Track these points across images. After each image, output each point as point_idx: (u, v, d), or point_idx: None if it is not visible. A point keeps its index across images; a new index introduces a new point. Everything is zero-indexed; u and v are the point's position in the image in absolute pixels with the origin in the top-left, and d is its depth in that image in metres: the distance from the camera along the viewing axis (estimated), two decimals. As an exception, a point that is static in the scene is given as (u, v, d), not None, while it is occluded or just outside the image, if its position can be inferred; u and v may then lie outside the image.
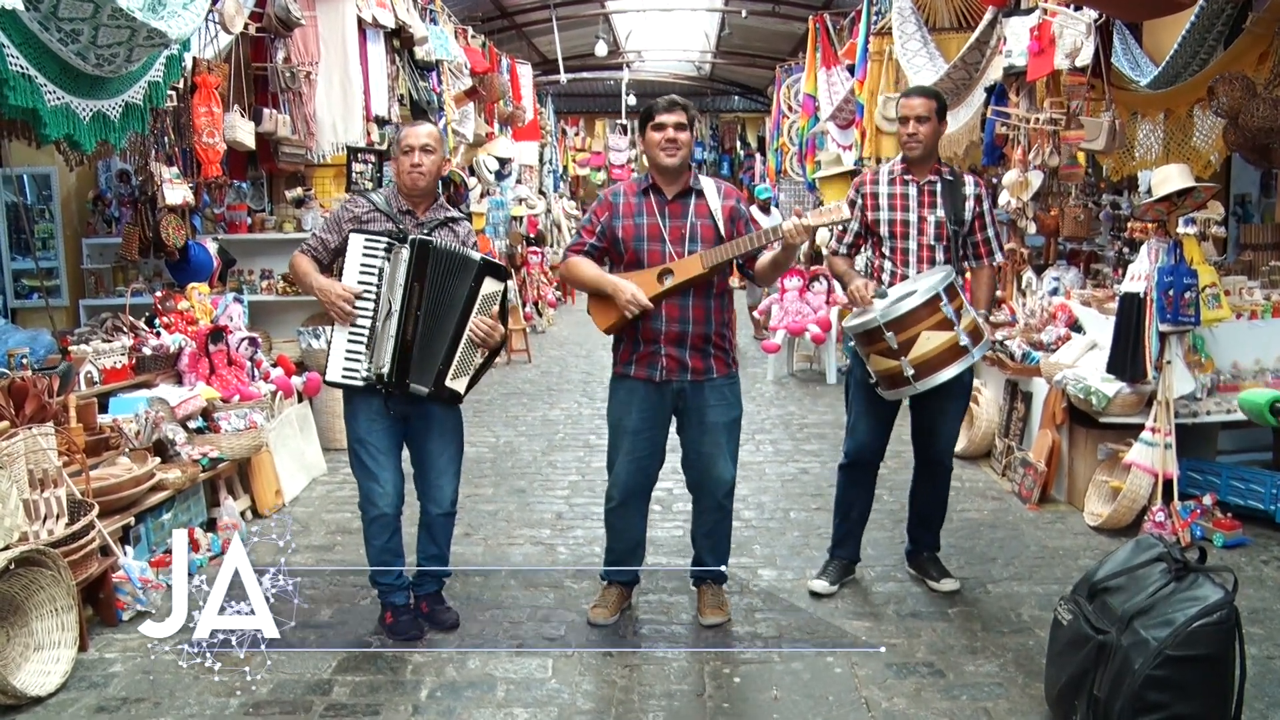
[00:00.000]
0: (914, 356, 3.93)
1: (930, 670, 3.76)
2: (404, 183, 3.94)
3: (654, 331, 3.90)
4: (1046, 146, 6.34)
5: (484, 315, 3.87)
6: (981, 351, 4.03)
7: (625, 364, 4.01)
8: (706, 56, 20.35)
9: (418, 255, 3.80)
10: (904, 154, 4.28)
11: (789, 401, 8.81)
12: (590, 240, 3.99)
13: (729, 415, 4.03)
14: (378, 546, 4.00)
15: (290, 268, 4.07)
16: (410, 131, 3.97)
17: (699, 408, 3.98)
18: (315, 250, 3.97)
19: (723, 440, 4.02)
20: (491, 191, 12.54)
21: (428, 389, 3.85)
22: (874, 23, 9.17)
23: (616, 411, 4.06)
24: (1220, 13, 4.65)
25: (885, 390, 4.11)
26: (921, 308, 3.91)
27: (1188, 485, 5.24)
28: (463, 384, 3.93)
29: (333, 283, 3.87)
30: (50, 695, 3.60)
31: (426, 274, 3.81)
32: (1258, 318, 5.41)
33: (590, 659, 3.86)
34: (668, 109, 3.89)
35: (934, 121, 4.23)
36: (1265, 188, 7.26)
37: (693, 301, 3.90)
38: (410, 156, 3.89)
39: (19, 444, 4.00)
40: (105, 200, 7.52)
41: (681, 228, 3.91)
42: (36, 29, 3.86)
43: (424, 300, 3.81)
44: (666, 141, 3.87)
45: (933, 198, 4.25)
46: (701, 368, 3.95)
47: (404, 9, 8.38)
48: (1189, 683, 2.94)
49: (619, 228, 3.94)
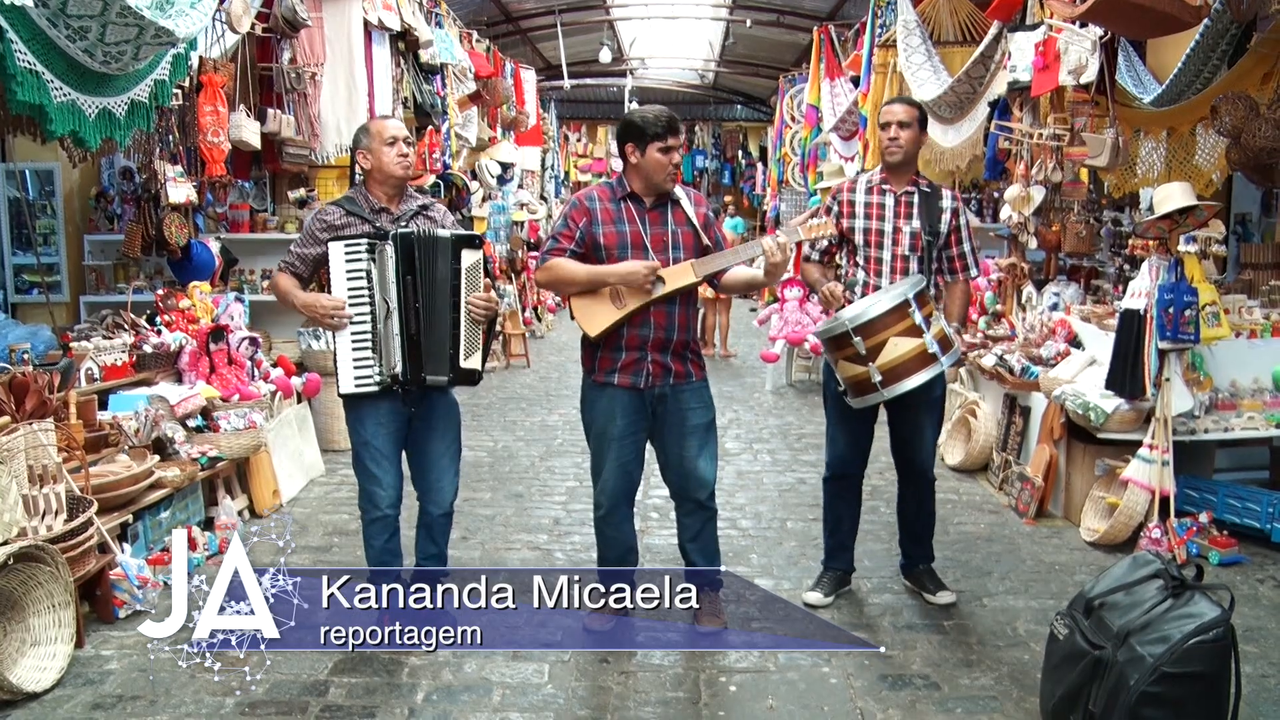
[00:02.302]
0: (881, 362, 3.91)
1: (925, 683, 3.76)
2: (392, 174, 3.93)
3: (641, 338, 3.91)
4: (1049, 162, 6.36)
5: (474, 289, 3.89)
6: (950, 361, 4.01)
7: (607, 372, 3.98)
8: (710, 65, 20.36)
9: (402, 249, 3.82)
10: (884, 159, 4.30)
11: (787, 411, 8.82)
12: (569, 245, 3.93)
13: (707, 417, 4.08)
14: (378, 547, 4.00)
15: (272, 287, 4.06)
16: (388, 124, 3.99)
17: (679, 410, 4.01)
18: (294, 266, 3.96)
19: (703, 441, 4.06)
20: (493, 196, 12.55)
21: (446, 376, 3.88)
22: (879, 35, 9.18)
23: (600, 420, 4.04)
24: (1224, 32, 4.67)
25: (853, 398, 4.09)
26: (890, 313, 3.89)
27: (1184, 502, 5.24)
28: (476, 360, 3.95)
29: (317, 296, 3.90)
30: (46, 691, 3.60)
31: (415, 265, 3.83)
32: (1257, 336, 5.43)
33: (586, 665, 3.87)
34: (676, 131, 3.86)
35: (915, 129, 4.25)
36: (1266, 207, 7.28)
37: (677, 309, 3.94)
38: (396, 147, 3.91)
39: (19, 439, 3.99)
40: (108, 197, 7.52)
41: (663, 235, 3.93)
42: (45, 25, 3.87)
43: (418, 291, 3.83)
44: (673, 166, 3.88)
45: (909, 208, 4.27)
46: (683, 372, 4.00)
47: (410, 12, 8.39)
48: (1184, 700, 2.95)
49: (600, 234, 3.92)
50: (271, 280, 4.06)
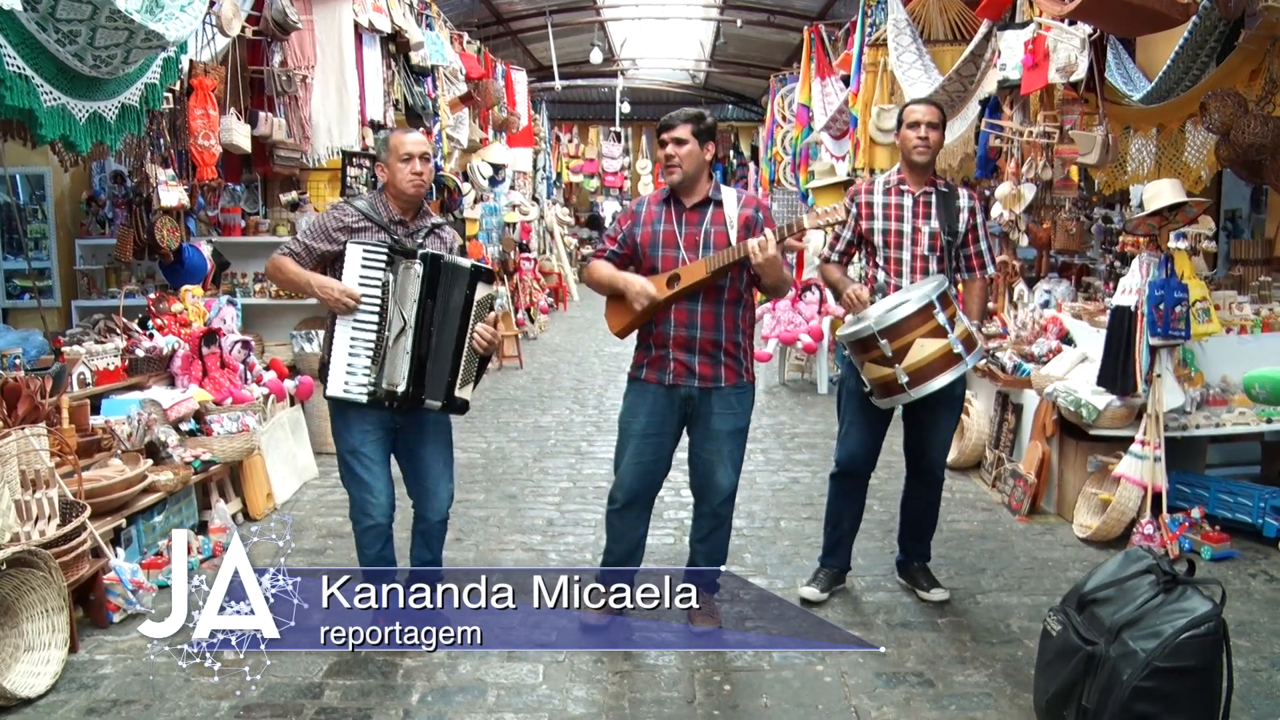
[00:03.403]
0: (908, 364, 3.94)
1: (919, 680, 3.77)
2: (404, 191, 3.89)
3: (663, 336, 3.95)
4: (1040, 160, 6.38)
5: (482, 322, 3.89)
6: (975, 360, 4.05)
7: (638, 367, 4.06)
8: (701, 65, 20.38)
9: (430, 270, 3.78)
10: (913, 159, 4.26)
11: (780, 411, 8.83)
12: (612, 247, 4.06)
13: (734, 425, 4.03)
14: (372, 555, 3.99)
15: (273, 270, 3.92)
16: (407, 139, 3.89)
17: (705, 414, 4.00)
18: (298, 255, 3.87)
19: (724, 449, 4.03)
20: (485, 197, 12.54)
21: (440, 402, 3.87)
22: (869, 34, 9.20)
23: (626, 415, 4.09)
24: (1213, 29, 4.69)
25: (879, 399, 4.13)
26: (915, 315, 3.92)
27: (1176, 498, 5.26)
28: (468, 391, 3.95)
29: (331, 280, 3.83)
30: (40, 697, 3.59)
31: (438, 289, 3.80)
32: (1247, 332, 5.45)
33: (581, 665, 3.87)
34: (670, 125, 3.92)
35: (940, 131, 4.28)
36: (1255, 203, 7.30)
37: (701, 307, 3.92)
38: (411, 164, 3.85)
39: (11, 444, 3.98)
40: (99, 201, 7.52)
41: (696, 234, 3.94)
42: (34, 29, 3.87)
43: (433, 314, 3.81)
44: (666, 159, 3.93)
45: (928, 209, 4.28)
46: (710, 374, 3.96)
47: (400, 14, 8.39)
48: (1177, 694, 2.96)
49: (638, 234, 4.00)
50: (271, 263, 3.91)
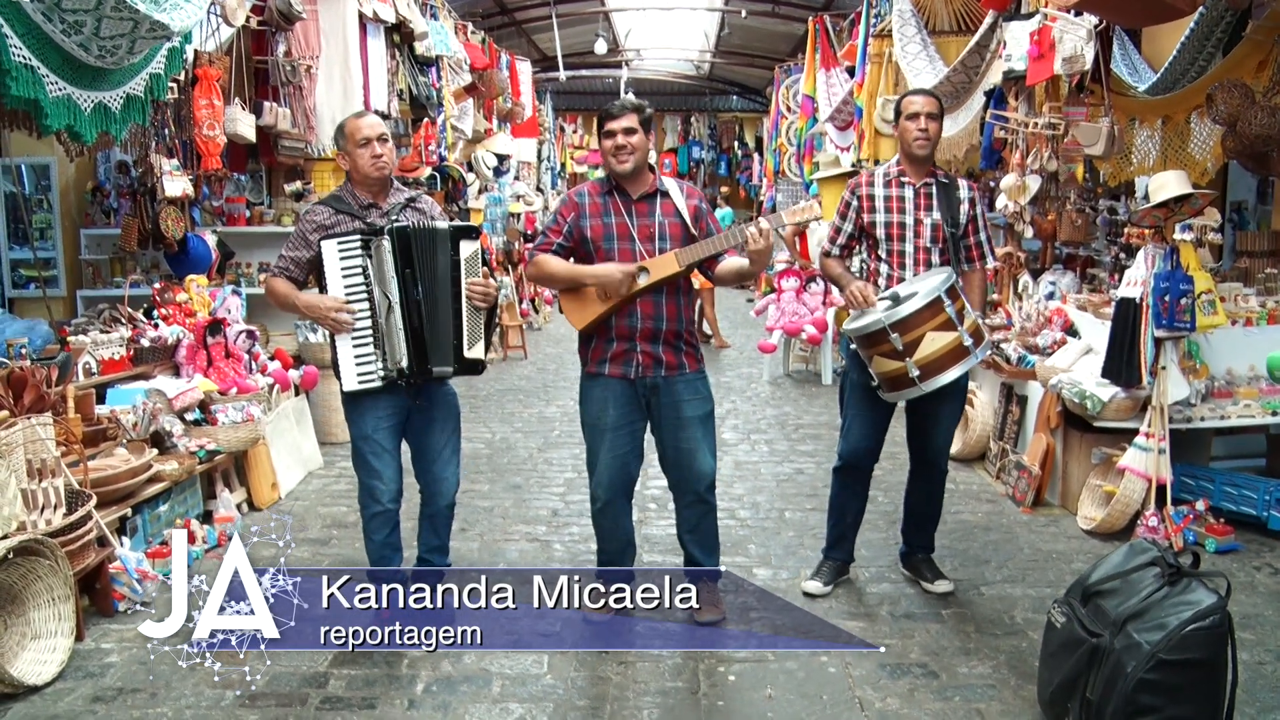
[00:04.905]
0: (919, 358, 3.94)
1: (924, 671, 3.78)
2: (368, 175, 3.91)
3: (629, 329, 3.93)
4: (1045, 151, 6.36)
5: (474, 277, 3.90)
6: (984, 353, 4.06)
7: (599, 363, 4.02)
8: (706, 56, 20.34)
9: (399, 243, 3.81)
10: (913, 151, 4.24)
11: (784, 402, 8.83)
12: (557, 240, 3.99)
13: (704, 409, 4.07)
14: (378, 542, 4.01)
15: (268, 293, 4.01)
16: (362, 123, 3.92)
17: (673, 403, 4.01)
18: (288, 270, 3.94)
19: (700, 434, 4.05)
20: (489, 188, 12.54)
21: (451, 366, 3.89)
22: (874, 25, 9.17)
23: (593, 411, 4.07)
24: (1219, 20, 4.68)
25: (887, 393, 4.12)
26: (925, 309, 3.92)
27: (1181, 490, 5.25)
28: (480, 350, 3.96)
29: (319, 297, 3.88)
30: (47, 684, 3.61)
31: (413, 258, 3.82)
32: (1253, 324, 5.44)
33: (585, 655, 3.88)
34: (615, 115, 3.90)
35: (939, 121, 4.26)
36: (1262, 195, 7.28)
37: (665, 299, 3.93)
38: (369, 148, 3.87)
39: (17, 434, 4.00)
40: (104, 191, 7.52)
41: (650, 226, 3.94)
42: (40, 20, 3.86)
43: (418, 284, 3.83)
44: (616, 148, 3.89)
45: (929, 200, 4.26)
46: (675, 363, 3.99)
47: (405, 4, 8.38)
48: (1181, 686, 2.96)
49: (587, 228, 3.95)
50: (266, 286, 4.00)
